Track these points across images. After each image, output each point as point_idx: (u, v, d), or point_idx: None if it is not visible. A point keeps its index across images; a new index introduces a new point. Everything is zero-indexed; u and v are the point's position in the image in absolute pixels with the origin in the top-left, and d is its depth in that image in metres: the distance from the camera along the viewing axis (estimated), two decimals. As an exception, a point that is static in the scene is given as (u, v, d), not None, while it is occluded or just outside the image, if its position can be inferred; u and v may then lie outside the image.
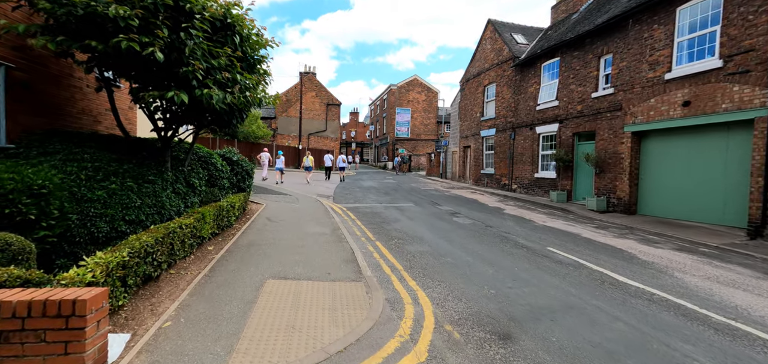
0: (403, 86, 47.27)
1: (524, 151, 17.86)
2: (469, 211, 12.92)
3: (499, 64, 20.23)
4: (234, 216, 8.23)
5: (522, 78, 18.16)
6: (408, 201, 15.04)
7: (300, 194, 15.42)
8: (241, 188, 9.70)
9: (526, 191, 17.72)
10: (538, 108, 16.79)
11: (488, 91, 21.76)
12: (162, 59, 4.66)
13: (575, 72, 14.56)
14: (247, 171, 9.94)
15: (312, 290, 4.88)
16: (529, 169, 17.48)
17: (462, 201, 15.54)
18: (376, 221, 10.49)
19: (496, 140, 20.44)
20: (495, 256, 7.01)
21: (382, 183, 23.70)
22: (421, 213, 12.03)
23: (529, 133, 17.40)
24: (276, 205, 11.90)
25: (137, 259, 4.04)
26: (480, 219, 11.18)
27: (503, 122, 19.77)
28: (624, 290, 5.36)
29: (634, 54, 11.94)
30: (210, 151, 8.74)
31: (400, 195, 17.04)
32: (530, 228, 9.95)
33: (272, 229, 8.32)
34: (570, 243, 8.26)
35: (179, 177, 6.42)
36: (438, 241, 8.13)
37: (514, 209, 13.63)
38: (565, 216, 12.14)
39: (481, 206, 14.33)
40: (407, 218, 10.97)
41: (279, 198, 13.58)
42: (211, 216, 6.56)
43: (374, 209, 12.63)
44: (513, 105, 18.89)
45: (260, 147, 32.13)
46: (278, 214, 10.27)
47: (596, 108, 13.44)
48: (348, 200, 14.63)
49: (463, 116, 24.80)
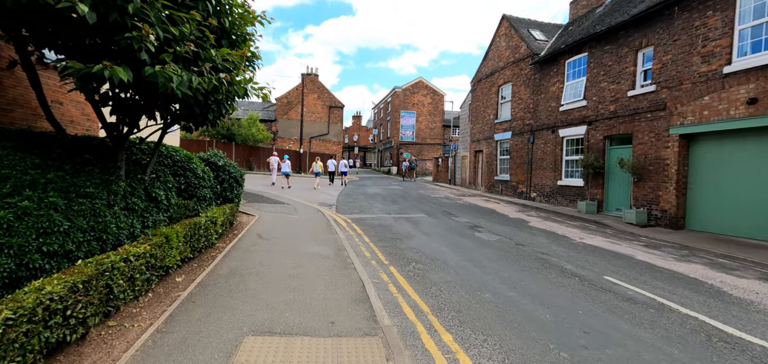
0: (407, 89, 45.86)
1: (545, 156, 16.32)
2: (490, 223, 11.39)
3: (515, 62, 18.75)
4: (215, 234, 6.73)
5: (542, 77, 16.66)
6: (419, 211, 13.51)
7: (299, 202, 13.92)
8: (228, 198, 8.20)
9: (547, 200, 16.16)
10: (561, 109, 15.27)
11: (503, 92, 20.26)
12: (94, 19, 3.19)
13: (607, 68, 13.04)
14: (236, 178, 8.46)
15: (308, 355, 3.36)
16: (550, 176, 15.93)
17: (479, 211, 14.01)
18: (387, 236, 8.97)
19: (512, 144, 18.91)
20: (543, 290, 5.47)
21: (387, 190, 22.19)
22: (437, 226, 10.50)
23: (551, 137, 15.88)
24: (270, 216, 10.40)
25: (28, 324, 2.54)
26: (506, 234, 9.65)
27: (520, 125, 18.25)
28: (745, 350, 3.82)
29: (681, 46, 10.42)
30: (190, 155, 7.25)
31: (409, 204, 15.52)
32: (568, 247, 8.40)
33: (262, 250, 6.81)
34: (628, 269, 6.72)
35: (137, 188, 4.92)
36: (465, 265, 6.60)
37: (540, 221, 12.07)
38: (601, 231, 10.58)
39: (501, 217, 12.78)
40: (422, 233, 9.44)
41: (275, 208, 12.08)
42: (179, 238, 5.06)
43: (383, 221, 11.12)
44: (531, 106, 17.38)
45: (259, 150, 30.73)
46: (272, 228, 8.77)
47: (633, 108, 11.91)
48: (352, 210, 13.12)
49: (475, 119, 23.30)
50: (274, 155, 21.10)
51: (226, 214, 7.44)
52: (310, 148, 38.27)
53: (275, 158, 20.54)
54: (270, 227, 8.82)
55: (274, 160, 20.41)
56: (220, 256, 6.19)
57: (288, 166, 19.21)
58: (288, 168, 19.18)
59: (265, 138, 30.64)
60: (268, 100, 5.89)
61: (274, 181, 20.25)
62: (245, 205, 11.97)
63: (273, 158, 20.57)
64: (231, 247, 6.80)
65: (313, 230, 9.00)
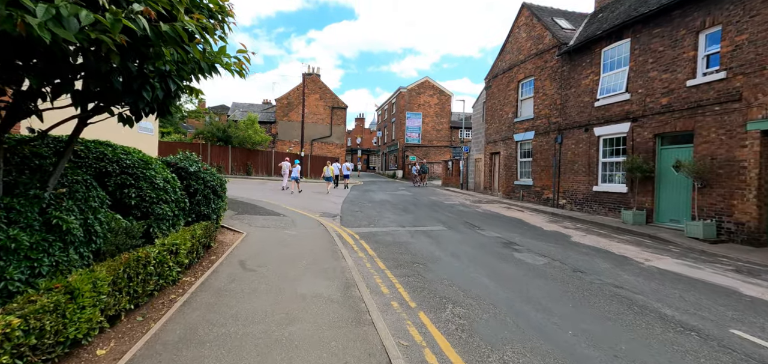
0: (413, 89, 44.04)
1: (576, 158, 14.42)
2: (525, 238, 9.51)
3: (538, 54, 16.88)
4: (178, 268, 4.87)
5: (572, 69, 14.78)
6: (436, 222, 11.64)
7: (298, 213, 12.06)
8: (203, 214, 6.34)
9: (579, 208, 14.24)
10: (596, 104, 13.38)
11: (523, 88, 18.38)
12: None
13: (657, 55, 11.15)
14: (214, 188, 6.60)
15: None
16: (584, 181, 14.02)
17: (504, 222, 12.12)
18: (406, 259, 7.11)
19: (536, 145, 17.01)
20: (663, 361, 3.58)
21: (396, 196, 20.32)
22: (463, 243, 8.62)
23: (584, 136, 13.98)
24: (261, 234, 8.54)
25: None
26: (551, 254, 7.76)
27: (545, 123, 16.36)
28: None
29: (760, 22, 8.54)
30: (147, 158, 5.42)
31: (424, 213, 13.64)
32: (640, 273, 6.51)
33: (242, 290, 4.95)
34: (749, 313, 4.82)
35: (25, 212, 3.08)
36: (523, 310, 4.72)
37: (582, 234, 10.17)
38: (665, 248, 8.67)
39: (533, 229, 10.89)
40: (449, 255, 7.56)
41: (269, 221, 10.22)
42: (100, 288, 3.22)
43: (397, 236, 9.25)
44: (559, 102, 15.49)
45: (257, 153, 28.97)
46: (261, 251, 6.91)
47: (694, 100, 10.02)
48: (360, 222, 11.26)
49: (490, 118, 21.42)
50: (286, 160, 21.07)
51: (198, 237, 5.59)
52: (312, 151, 36.48)
53: (287, 164, 20.47)
54: (258, 250, 6.96)
55: (285, 165, 20.42)
56: (178, 303, 4.33)
57: (298, 171, 19.07)
58: (298, 173, 18.99)
59: (264, 140, 28.86)
60: (244, 77, 4.06)
61: (286, 185, 20.08)
62: (233, 217, 10.13)
63: (285, 164, 20.55)
64: (199, 284, 4.94)
65: (314, 251, 7.13)
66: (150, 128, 10.42)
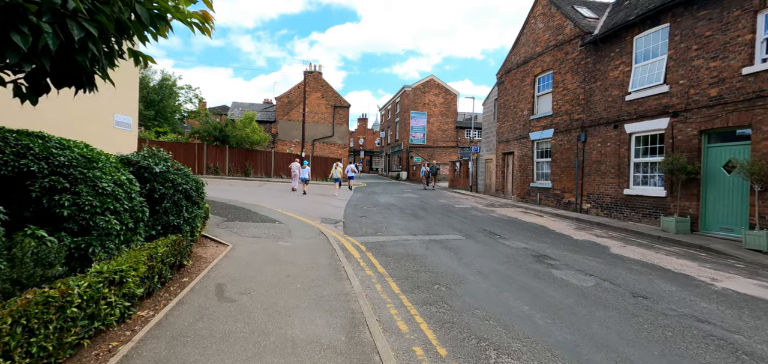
0: (418, 88, 42.74)
1: (603, 157, 13.08)
2: (556, 249, 8.20)
3: (558, 45, 15.56)
4: (122, 305, 3.59)
5: (597, 60, 13.46)
6: (450, 229, 10.34)
7: (297, 219, 10.78)
8: (173, 226, 5.06)
9: (607, 213, 12.90)
10: (628, 98, 12.05)
11: (541, 82, 17.06)
12: None
13: (703, 40, 9.82)
14: (188, 192, 5.33)
15: None
16: (612, 183, 12.68)
17: (527, 229, 10.81)
18: (424, 279, 5.83)
19: (555, 144, 15.68)
20: None
21: (402, 199, 19.02)
22: (488, 257, 7.31)
23: (613, 134, 12.65)
24: (251, 246, 7.25)
25: None
26: (596, 272, 6.46)
27: (566, 120, 15.04)
28: None
29: (841, -4, 7.20)
30: (93, 154, 4.16)
31: (435, 219, 12.34)
32: (718, 300, 5.19)
33: (209, 336, 3.66)
34: None
35: None
36: (596, 361, 3.42)
37: (622, 245, 8.85)
38: (725, 263, 7.33)
39: (562, 238, 9.57)
40: (475, 272, 6.27)
41: (261, 229, 8.94)
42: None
43: (409, 248, 7.96)
44: (582, 97, 14.17)
45: (255, 154, 27.74)
46: (246, 272, 5.63)
47: (753, 90, 8.68)
48: (365, 229, 9.97)
49: (503, 116, 20.10)
50: (296, 161, 20.85)
51: (160, 256, 4.31)
52: (313, 151, 35.24)
53: (297, 164, 20.24)
54: (243, 269, 5.67)
55: (295, 166, 20.26)
56: (114, 359, 3.05)
57: (307, 172, 18.93)
58: (307, 174, 18.86)
59: (263, 140, 27.61)
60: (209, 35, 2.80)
61: (296, 187, 19.89)
62: (221, 225, 8.86)
63: (294, 164, 20.36)
64: (155, 324, 3.66)
65: (311, 271, 5.84)
66: (128, 123, 9.19)
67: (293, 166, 20.50)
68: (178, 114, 31.38)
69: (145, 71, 29.25)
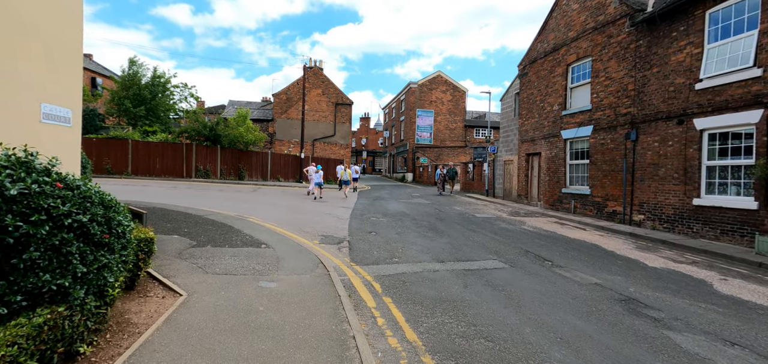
0: (424, 84, 40.47)
1: (663, 160, 10.82)
2: (641, 286, 5.96)
3: (599, 28, 13.29)
4: None
5: (653, 42, 11.19)
6: (483, 250, 8.11)
7: (290, 238, 8.53)
8: (56, 291, 2.81)
9: (668, 228, 10.63)
10: (698, 86, 9.79)
11: (575, 72, 14.79)
12: None
13: (817, 8, 7.55)
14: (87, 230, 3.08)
15: None
16: (676, 191, 10.41)
17: (578, 249, 8.57)
18: (480, 352, 3.60)
19: (595, 144, 13.41)
20: None
21: (413, 206, 16.76)
22: (555, 302, 5.05)
23: (677, 131, 10.38)
24: (216, 294, 5.00)
25: None
26: (733, 336, 4.20)
27: (609, 115, 12.77)
28: None
29: None
30: None
31: (459, 234, 10.10)
32: None
33: None
34: None
35: None
36: None
37: (723, 279, 6.58)
38: None
39: (634, 266, 7.31)
40: (556, 341, 4.02)
41: (240, 259, 6.68)
42: None
43: (441, 286, 5.73)
44: (631, 87, 11.90)
45: (250, 155, 25.53)
46: (192, 360, 3.39)
47: None
48: (377, 252, 7.70)
49: (527, 112, 17.83)
50: (312, 165, 19.96)
51: None
52: (313, 152, 33.02)
53: (313, 168, 19.19)
54: (189, 355, 3.43)
55: (312, 170, 19.42)
56: None
57: (320, 177, 18.07)
58: (320, 178, 18.03)
59: (258, 139, 25.37)
60: None
61: (311, 189, 18.93)
62: (186, 253, 6.60)
63: (311, 168, 19.48)
64: None
65: (302, 350, 3.60)
66: (65, 117, 6.96)
67: (309, 169, 19.72)
68: (173, 113, 29.31)
69: (136, 68, 27.19)
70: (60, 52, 6.86)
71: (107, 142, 21.64)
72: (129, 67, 26.94)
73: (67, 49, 7.05)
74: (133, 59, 27.11)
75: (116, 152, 21.67)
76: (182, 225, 8.65)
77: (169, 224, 8.70)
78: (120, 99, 25.79)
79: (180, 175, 22.80)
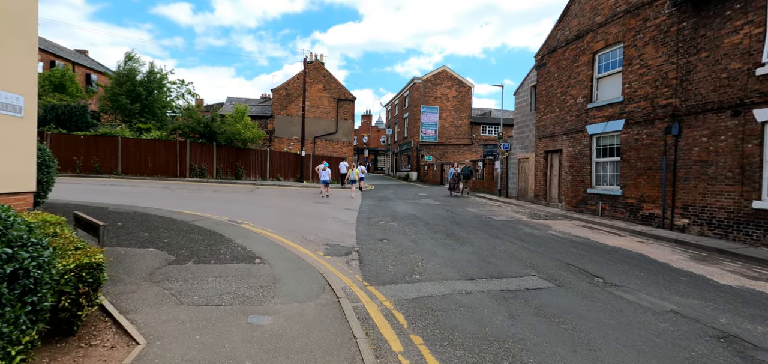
0: (429, 80, 39.14)
1: (713, 157, 9.54)
2: (727, 314, 4.74)
3: (632, 10, 11.98)
4: None
5: (700, 23, 9.89)
6: (514, 261, 6.84)
7: (290, 250, 7.24)
8: None
9: (721, 234, 9.36)
10: (759, 72, 8.51)
11: (603, 60, 13.48)
12: None
13: None
14: None
15: None
16: (730, 193, 9.14)
17: (623, 261, 7.30)
18: None
19: (627, 139, 12.12)
20: None
21: (422, 207, 15.49)
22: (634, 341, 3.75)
23: (731, 124, 9.10)
24: (187, 339, 3.73)
25: None
26: None
27: (645, 107, 11.47)
28: None
29: None
30: None
31: (481, 240, 8.83)
32: None
33: None
34: None
35: None
36: None
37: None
38: None
39: (702, 283, 6.05)
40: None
41: (227, 280, 5.41)
42: None
43: (479, 315, 4.47)
44: (672, 75, 10.60)
45: (248, 153, 24.27)
46: None
47: None
48: (393, 267, 6.43)
49: (545, 106, 16.54)
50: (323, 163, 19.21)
51: None
52: (315, 149, 31.75)
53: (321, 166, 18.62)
54: None
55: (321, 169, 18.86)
56: None
57: (328, 175, 17.70)
58: (328, 176, 17.65)
59: (257, 136, 24.08)
60: None
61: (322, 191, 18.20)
62: (159, 273, 5.31)
63: (320, 167, 18.80)
64: None
65: None
66: (15, 105, 5.70)
67: (319, 169, 19.09)
68: (170, 110, 28.08)
69: (132, 63, 25.95)
70: (4, 25, 5.59)
71: (96, 140, 20.37)
72: (125, 62, 25.70)
73: (14, 22, 5.78)
74: (129, 54, 25.86)
75: (105, 150, 20.41)
76: (162, 235, 7.38)
77: (148, 233, 7.43)
78: (115, 95, 24.56)
79: (173, 174, 21.54)
